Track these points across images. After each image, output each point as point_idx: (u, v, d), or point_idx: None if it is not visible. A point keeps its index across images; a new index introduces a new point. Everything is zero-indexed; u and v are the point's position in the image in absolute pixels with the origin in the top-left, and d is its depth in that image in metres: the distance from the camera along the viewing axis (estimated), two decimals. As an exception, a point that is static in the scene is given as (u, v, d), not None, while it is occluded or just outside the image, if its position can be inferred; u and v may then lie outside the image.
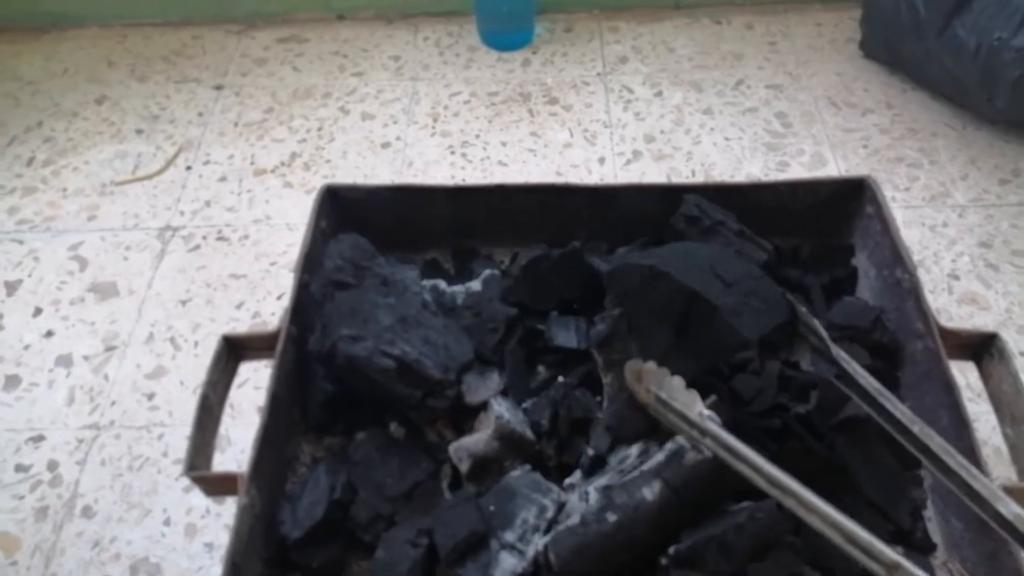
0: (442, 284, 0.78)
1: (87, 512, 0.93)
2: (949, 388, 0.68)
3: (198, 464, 0.67)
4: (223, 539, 0.88)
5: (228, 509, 0.90)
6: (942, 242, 1.15)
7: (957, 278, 1.11)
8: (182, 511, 0.93)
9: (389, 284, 0.73)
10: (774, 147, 1.30)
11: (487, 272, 0.80)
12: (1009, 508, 0.55)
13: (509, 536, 0.62)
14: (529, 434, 0.67)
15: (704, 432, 0.58)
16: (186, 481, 0.95)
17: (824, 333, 0.65)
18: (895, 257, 0.77)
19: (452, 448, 0.66)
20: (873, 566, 0.50)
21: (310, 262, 0.78)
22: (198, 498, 0.94)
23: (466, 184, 0.86)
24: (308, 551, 0.65)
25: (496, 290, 0.78)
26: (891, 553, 0.50)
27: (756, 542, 0.58)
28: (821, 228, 0.87)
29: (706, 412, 0.59)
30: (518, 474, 0.66)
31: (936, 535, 0.69)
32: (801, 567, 0.59)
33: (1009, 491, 0.62)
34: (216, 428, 0.71)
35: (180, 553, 0.89)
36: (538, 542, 0.62)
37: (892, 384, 0.75)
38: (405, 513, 0.65)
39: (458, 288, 0.78)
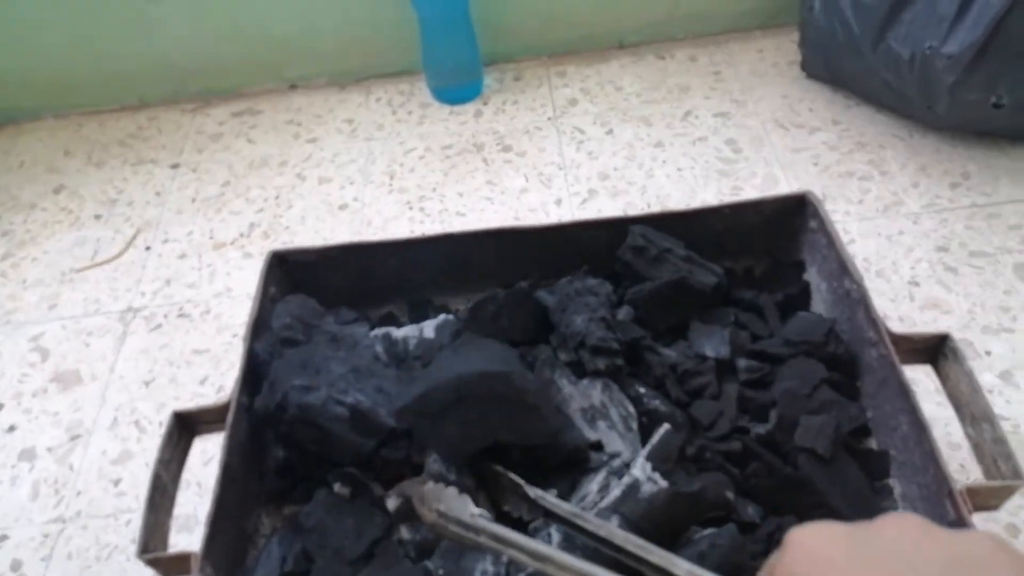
0: (394, 332, 0.77)
1: (55, 608, 0.90)
2: (905, 394, 0.67)
3: (153, 546, 0.65)
4: (196, 622, 0.86)
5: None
6: (899, 250, 1.16)
7: (918, 284, 1.11)
8: (154, 597, 0.90)
9: (339, 340, 0.73)
10: (726, 173, 1.31)
11: (441, 318, 0.79)
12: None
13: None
14: (454, 477, 0.66)
15: (478, 531, 0.59)
16: (156, 566, 0.93)
17: (520, 480, 0.64)
18: (841, 268, 0.78)
19: (389, 493, 0.65)
20: None
21: (259, 329, 0.78)
22: (169, 582, 0.91)
23: (413, 236, 0.85)
24: (266, 628, 0.63)
25: (448, 336, 0.77)
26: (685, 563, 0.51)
27: (721, 570, 0.56)
28: (771, 247, 0.88)
29: (477, 512, 0.61)
30: (479, 511, 0.64)
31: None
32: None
33: (974, 491, 0.61)
34: (171, 508, 0.69)
35: (153, 641, 0.87)
36: None
37: (852, 395, 0.74)
38: (366, 573, 0.64)
39: (411, 333, 0.77)
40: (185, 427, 0.73)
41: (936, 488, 0.63)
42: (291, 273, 0.87)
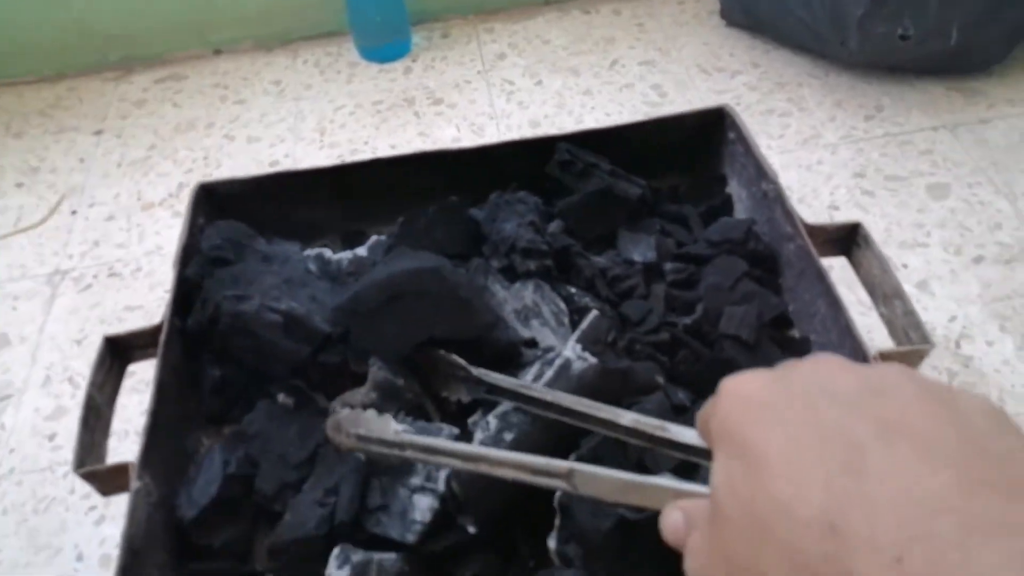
0: (327, 252, 0.77)
1: (-8, 562, 0.88)
2: (821, 276, 0.70)
3: (89, 462, 0.64)
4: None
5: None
6: (819, 179, 1.20)
7: (837, 208, 1.16)
8: (95, 544, 0.89)
9: (271, 258, 0.73)
10: (653, 116, 1.34)
11: (373, 238, 0.80)
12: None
13: (415, 480, 0.62)
14: (402, 382, 0.66)
15: (403, 446, 0.58)
16: (97, 514, 0.92)
17: (461, 360, 0.65)
18: (758, 172, 0.81)
19: (332, 404, 0.66)
20: (555, 483, 0.51)
21: (188, 256, 0.77)
22: (112, 527, 0.90)
23: (343, 162, 0.86)
24: (208, 531, 0.63)
25: (381, 254, 0.78)
26: (561, 463, 0.51)
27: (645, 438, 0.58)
28: (693, 163, 0.91)
29: (399, 428, 0.60)
30: (403, 427, 0.65)
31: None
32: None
33: (887, 356, 0.64)
34: (106, 430, 0.69)
35: (96, 586, 0.85)
36: (443, 486, 0.62)
37: (774, 289, 0.78)
38: (311, 478, 0.64)
39: (344, 255, 0.78)
40: (117, 352, 0.72)
41: (852, 359, 0.66)
42: (219, 206, 0.86)
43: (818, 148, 1.25)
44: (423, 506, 0.61)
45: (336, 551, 0.58)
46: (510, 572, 0.60)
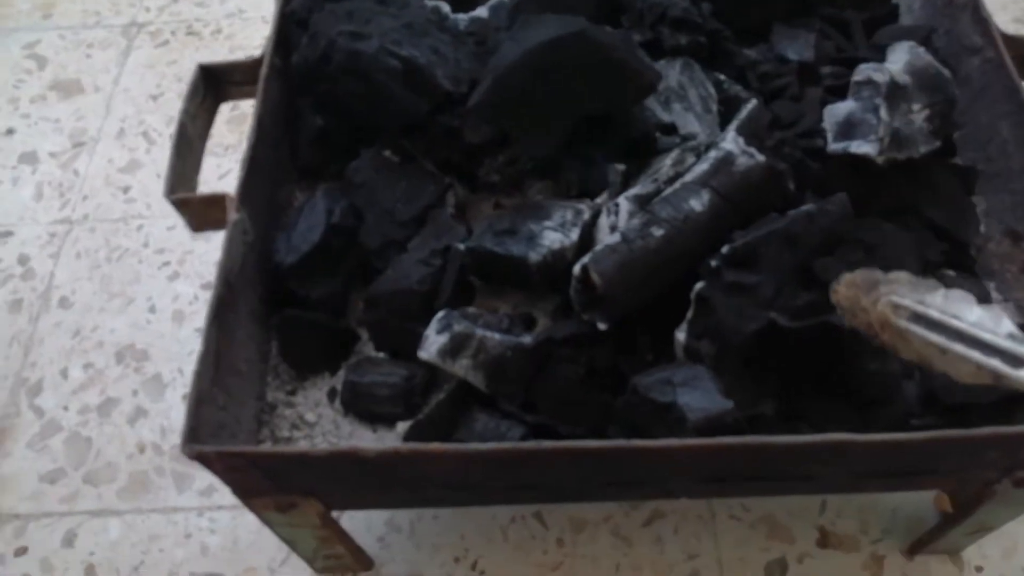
0: (444, 6, 0.69)
1: (64, 303, 0.86)
2: (1013, 92, 0.61)
3: (180, 190, 0.59)
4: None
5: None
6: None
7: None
8: (168, 299, 0.86)
9: (387, 1, 0.65)
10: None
11: (495, -1, 0.71)
12: None
13: (549, 223, 0.57)
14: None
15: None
16: (170, 270, 0.89)
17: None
18: (949, -29, 0.69)
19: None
20: None
21: (292, -10, 0.69)
22: (185, 285, 0.87)
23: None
24: (306, 281, 0.58)
25: (505, 18, 0.69)
26: None
27: (824, 235, 0.52)
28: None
29: (1020, 333, 0.41)
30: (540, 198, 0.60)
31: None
32: (870, 262, 0.53)
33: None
34: (199, 161, 0.63)
35: (168, 339, 0.84)
36: (575, 237, 0.56)
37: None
38: (417, 238, 0.59)
39: (461, 16, 0.69)
40: (211, 84, 0.66)
41: (1034, 188, 0.58)
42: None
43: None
44: (552, 238, 0.56)
45: (440, 314, 0.54)
46: (625, 366, 0.55)
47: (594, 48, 0.56)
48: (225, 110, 0.72)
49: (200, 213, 0.59)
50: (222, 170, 0.95)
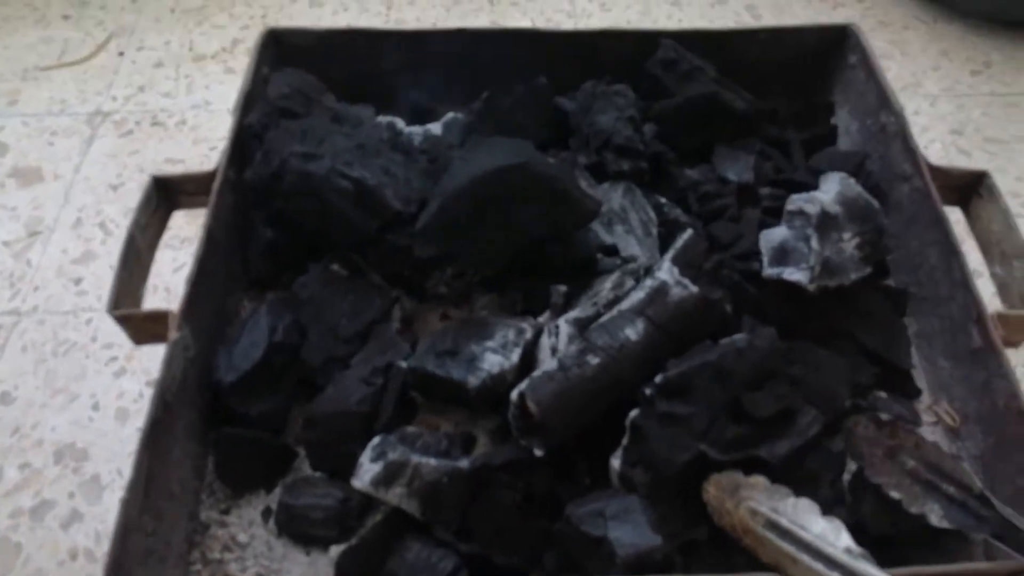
0: (399, 123, 0.71)
1: (5, 398, 0.85)
2: (938, 222, 0.64)
3: (125, 304, 0.59)
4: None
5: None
6: (914, 130, 1.11)
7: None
8: (113, 396, 0.85)
9: (342, 118, 0.67)
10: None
11: (449, 115, 0.73)
12: None
13: (491, 343, 0.57)
14: None
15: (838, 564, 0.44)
16: (117, 365, 0.88)
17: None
18: (880, 102, 0.73)
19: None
20: None
21: (249, 104, 0.71)
22: (131, 382, 0.86)
23: (424, 28, 0.78)
24: (246, 398, 0.58)
25: (458, 135, 0.71)
26: None
27: (754, 370, 0.53)
28: (801, 83, 0.82)
29: (856, 548, 0.45)
30: (485, 314, 0.61)
31: (920, 381, 0.65)
32: (797, 399, 0.54)
33: (1005, 319, 0.58)
34: (145, 274, 0.64)
35: (110, 438, 0.82)
36: (516, 359, 0.57)
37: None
38: (360, 355, 0.59)
39: (416, 129, 0.71)
40: (164, 194, 0.67)
41: (962, 317, 0.61)
42: (285, 58, 0.79)
43: (916, 97, 1.17)
44: (492, 361, 0.56)
45: (375, 441, 0.54)
46: (562, 492, 0.56)
47: (537, 179, 0.58)
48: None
49: (142, 329, 0.59)
50: (177, 263, 0.96)
